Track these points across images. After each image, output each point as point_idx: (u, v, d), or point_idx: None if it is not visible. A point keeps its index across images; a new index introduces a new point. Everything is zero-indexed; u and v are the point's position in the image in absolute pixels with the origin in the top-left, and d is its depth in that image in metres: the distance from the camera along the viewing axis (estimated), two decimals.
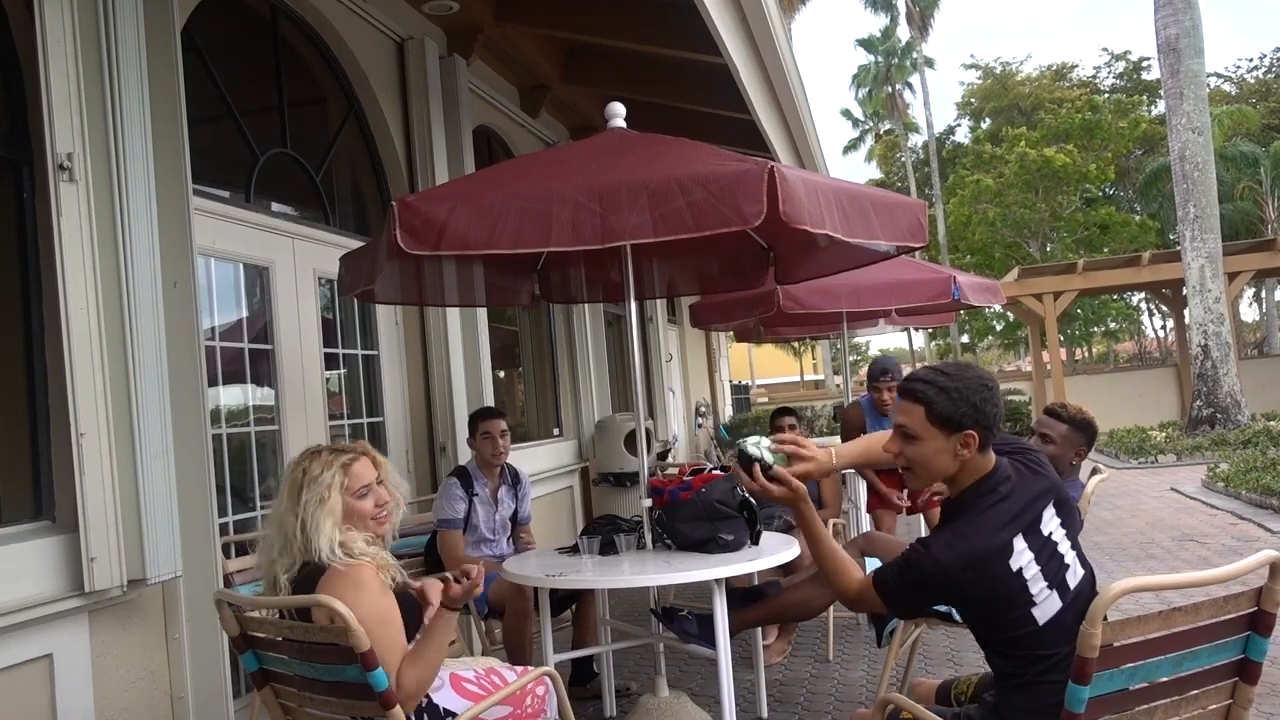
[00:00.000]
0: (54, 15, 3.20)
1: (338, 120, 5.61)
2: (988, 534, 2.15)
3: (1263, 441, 12.63)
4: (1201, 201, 15.12)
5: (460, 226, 3.15)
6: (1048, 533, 2.19)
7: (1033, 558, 2.13)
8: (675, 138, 3.80)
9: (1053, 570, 2.14)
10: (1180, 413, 18.25)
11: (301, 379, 4.86)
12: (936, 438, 2.20)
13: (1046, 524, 2.20)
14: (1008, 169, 27.83)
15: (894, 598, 2.25)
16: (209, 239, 4.21)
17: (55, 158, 3.18)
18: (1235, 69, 38.54)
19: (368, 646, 2.26)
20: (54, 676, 3.14)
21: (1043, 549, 2.15)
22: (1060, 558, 2.16)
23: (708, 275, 5.23)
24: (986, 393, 2.19)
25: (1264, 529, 7.76)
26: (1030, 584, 2.12)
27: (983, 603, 2.17)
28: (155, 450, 3.40)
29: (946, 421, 2.19)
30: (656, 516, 3.95)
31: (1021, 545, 2.14)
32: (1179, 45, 15.11)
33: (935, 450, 2.21)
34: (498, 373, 7.37)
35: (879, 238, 3.58)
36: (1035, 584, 2.12)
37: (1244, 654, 1.99)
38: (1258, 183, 26.00)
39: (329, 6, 5.20)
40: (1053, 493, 2.25)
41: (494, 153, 7.53)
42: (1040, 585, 2.12)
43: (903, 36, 40.16)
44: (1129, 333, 44.84)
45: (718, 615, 3.47)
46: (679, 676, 4.90)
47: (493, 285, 5.03)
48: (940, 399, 2.19)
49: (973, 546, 2.14)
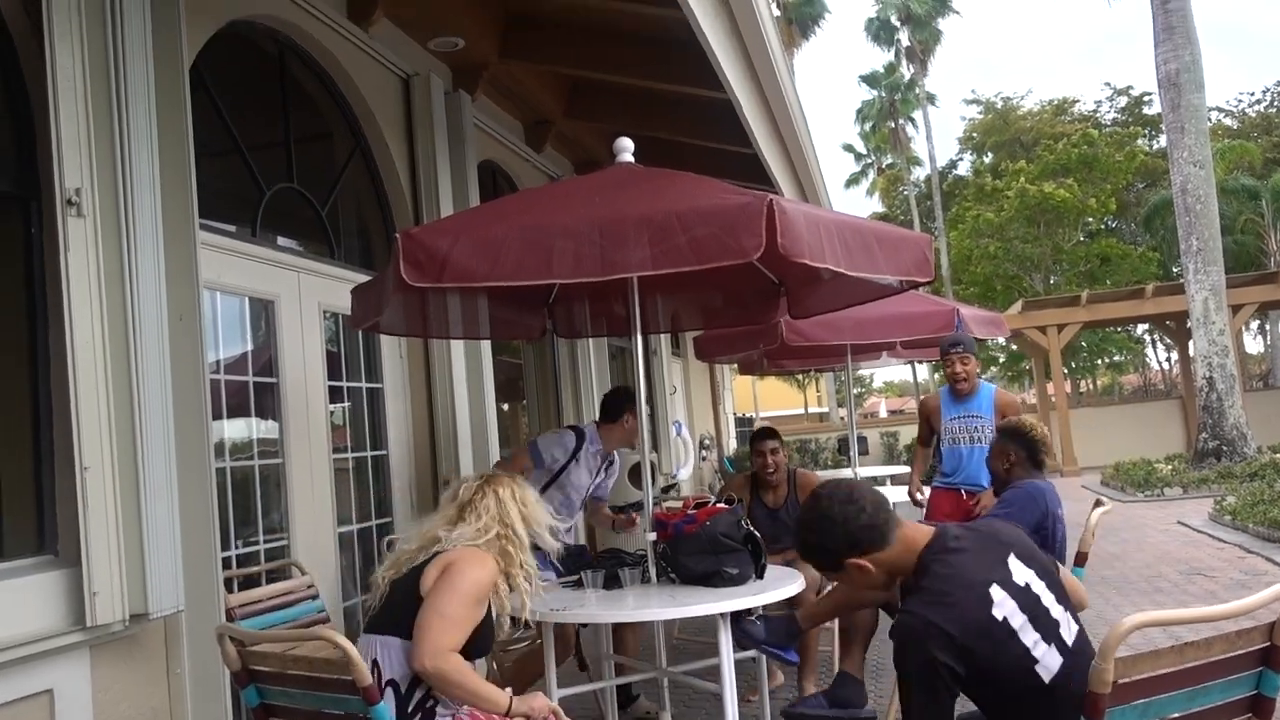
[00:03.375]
0: (64, 52, 3.23)
1: (344, 155, 5.65)
2: (961, 584, 2.12)
3: (1270, 474, 12.56)
4: (1204, 234, 15.16)
5: (463, 258, 3.17)
6: (1024, 583, 2.16)
7: (1016, 606, 2.10)
8: (678, 172, 3.82)
9: (1042, 623, 2.11)
10: (1186, 445, 18.17)
11: (306, 412, 4.86)
12: (841, 577, 2.32)
13: (1019, 574, 2.17)
14: (1008, 204, 27.95)
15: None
16: (215, 273, 4.23)
17: (64, 193, 3.20)
18: (1236, 103, 38.74)
19: (368, 682, 2.25)
20: (55, 712, 3.11)
21: (1024, 598, 2.12)
22: (1047, 611, 2.14)
23: (715, 309, 5.23)
24: (843, 521, 2.22)
25: (1272, 562, 7.70)
26: (1020, 634, 2.08)
27: (987, 671, 2.09)
28: (159, 484, 3.39)
29: (834, 567, 2.28)
30: (661, 550, 3.93)
31: (1001, 595, 2.11)
32: (1179, 80, 15.21)
33: (850, 583, 2.32)
34: (502, 405, 7.37)
35: (883, 272, 3.58)
36: (1026, 634, 2.08)
37: (1257, 689, 1.97)
38: (1259, 215, 26.07)
39: (336, 43, 5.26)
40: (1011, 546, 2.23)
41: (499, 187, 7.58)
42: (1033, 637, 2.08)
43: (906, 72, 40.48)
44: (1133, 365, 44.77)
45: (723, 650, 3.44)
46: (684, 712, 4.85)
47: (505, 319, 5.04)
48: (817, 556, 2.30)
49: (952, 599, 2.10)
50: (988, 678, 2.11)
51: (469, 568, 2.63)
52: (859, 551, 2.22)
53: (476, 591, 2.62)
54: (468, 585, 2.59)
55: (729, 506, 3.99)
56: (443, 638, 2.51)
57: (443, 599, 2.56)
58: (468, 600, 2.58)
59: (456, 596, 2.56)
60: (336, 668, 2.28)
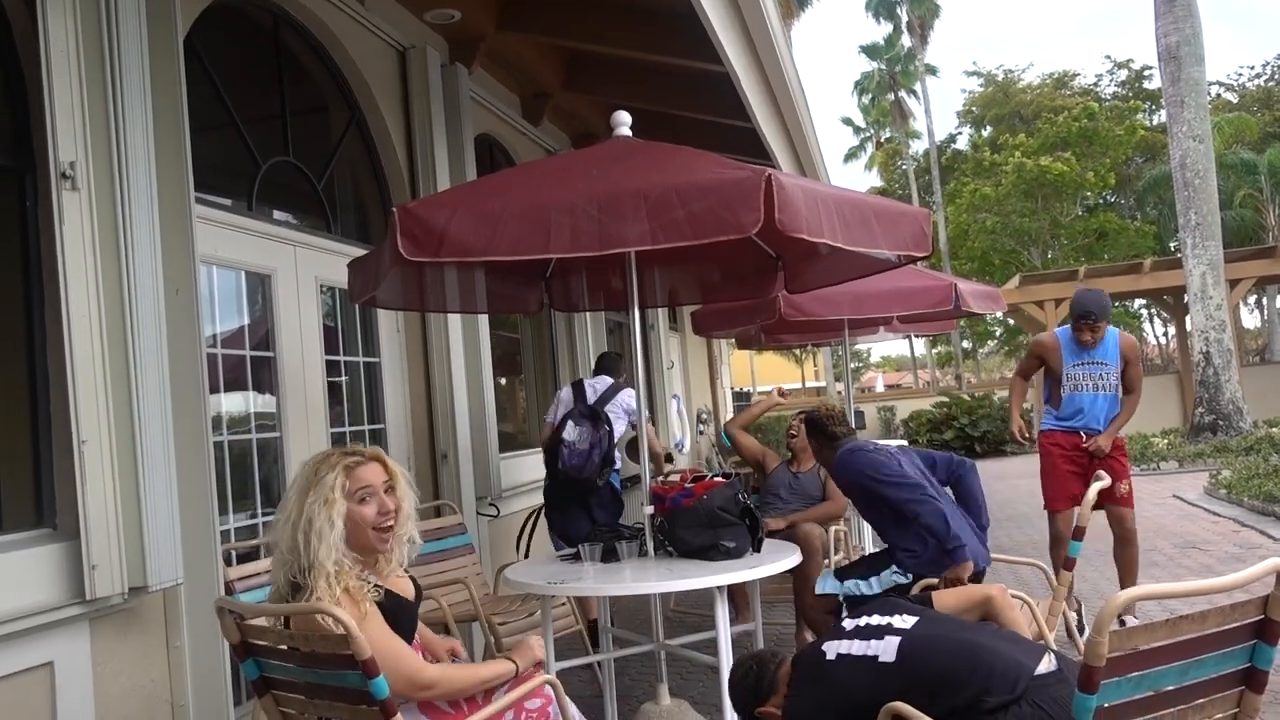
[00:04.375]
0: (57, 23, 3.21)
1: (340, 128, 5.62)
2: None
3: (1265, 448, 12.61)
4: (1203, 209, 15.13)
5: (460, 233, 3.16)
6: (851, 627, 2.58)
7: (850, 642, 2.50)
8: (676, 145, 3.80)
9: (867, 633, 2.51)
10: (1182, 420, 18.22)
11: (303, 386, 4.86)
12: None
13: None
14: (1006, 178, 27.87)
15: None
16: (211, 247, 4.21)
17: (58, 166, 3.18)
18: (1237, 77, 38.62)
19: (369, 654, 2.25)
20: (54, 685, 3.13)
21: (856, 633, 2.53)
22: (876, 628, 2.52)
23: (713, 283, 5.22)
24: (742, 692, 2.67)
25: (1267, 536, 7.73)
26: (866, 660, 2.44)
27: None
28: (157, 457, 3.40)
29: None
30: (658, 524, 3.94)
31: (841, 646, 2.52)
32: (1180, 53, 15.13)
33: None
34: (499, 380, 7.37)
35: (881, 246, 3.57)
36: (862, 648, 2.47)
37: (1250, 662, 1.98)
38: (1257, 190, 26.02)
39: (331, 15, 5.22)
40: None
41: (496, 161, 7.54)
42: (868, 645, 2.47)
43: (906, 44, 40.23)
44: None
45: (720, 622, 3.46)
46: (681, 684, 4.89)
47: (502, 293, 5.03)
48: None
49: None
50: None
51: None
52: (763, 701, 2.62)
53: (382, 648, 2.32)
54: (359, 648, 2.19)
55: (726, 480, 4.01)
56: (413, 676, 2.38)
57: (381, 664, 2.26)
58: (387, 658, 2.32)
59: (383, 664, 2.26)
60: (336, 641, 2.28)
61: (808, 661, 2.58)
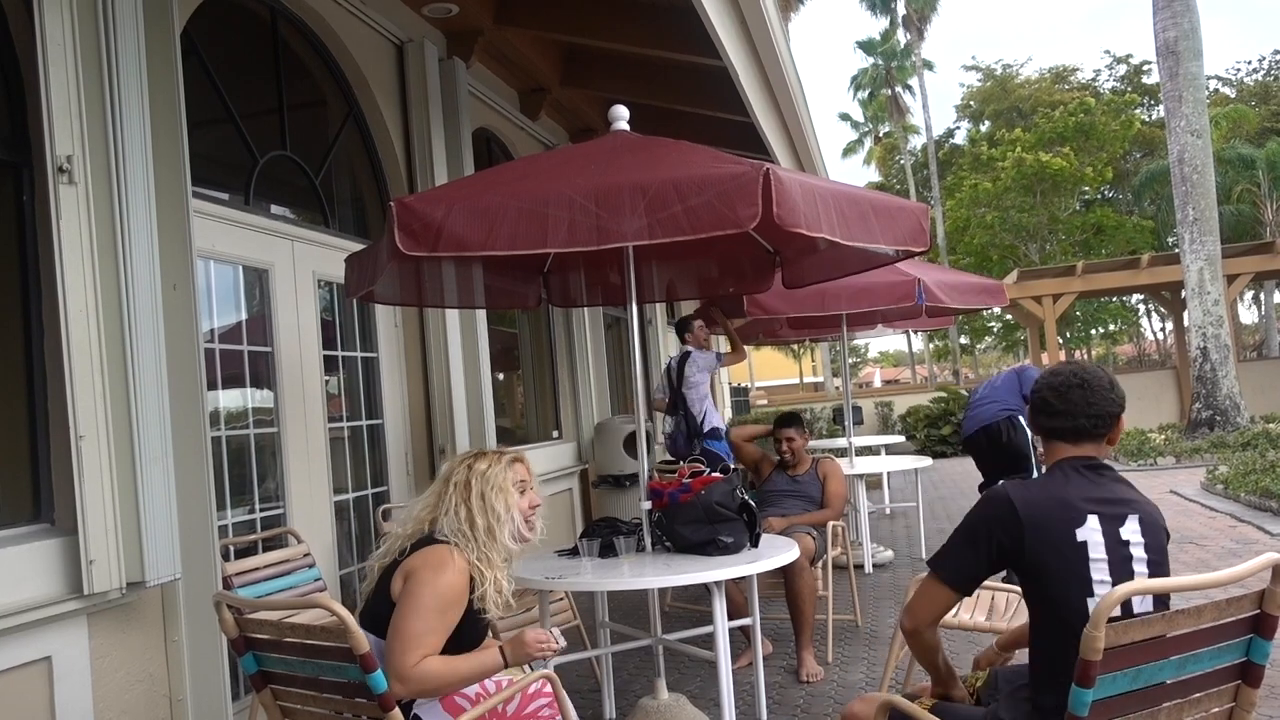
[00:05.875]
0: (53, 18, 3.20)
1: (337, 123, 5.61)
2: (1059, 496, 2.17)
3: (1262, 444, 12.63)
4: (1200, 204, 15.14)
5: (458, 228, 3.15)
6: (1125, 539, 2.13)
7: (1103, 545, 2.10)
8: (674, 140, 3.80)
9: (1117, 572, 2.08)
10: (1179, 415, 18.24)
11: (301, 381, 4.86)
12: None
13: (1127, 530, 2.14)
14: (1004, 173, 27.86)
15: (948, 556, 2.26)
16: (208, 241, 4.21)
17: (55, 160, 3.17)
18: (1235, 71, 38.58)
19: (366, 649, 2.25)
20: (53, 679, 3.13)
21: (1116, 549, 2.10)
22: (1131, 571, 2.10)
23: (711, 278, 5.22)
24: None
25: (1263, 531, 7.75)
26: (1092, 566, 2.08)
27: (1038, 569, 2.13)
28: (154, 453, 3.39)
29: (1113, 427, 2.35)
30: (656, 519, 3.95)
31: (1095, 526, 2.11)
32: (1178, 48, 15.13)
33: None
34: (497, 375, 7.37)
35: (879, 241, 3.57)
36: (1097, 569, 2.08)
37: (1246, 657, 1.99)
38: (1255, 185, 26.02)
39: (328, 9, 5.20)
40: (1137, 507, 2.19)
41: (493, 155, 7.53)
42: (1102, 575, 2.07)
43: (902, 39, 40.18)
44: (1128, 335, 44.86)
45: (717, 617, 3.46)
46: (678, 679, 4.90)
47: (500, 288, 5.02)
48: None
49: (1047, 493, 2.18)
50: (1038, 575, 2.14)
51: (431, 576, 2.49)
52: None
53: (438, 603, 2.48)
54: (428, 598, 2.46)
55: (724, 476, 4.01)
56: (404, 658, 2.41)
57: (403, 616, 2.46)
58: (428, 613, 2.46)
59: (418, 612, 2.46)
60: (334, 635, 2.29)
61: (1058, 487, 2.24)
